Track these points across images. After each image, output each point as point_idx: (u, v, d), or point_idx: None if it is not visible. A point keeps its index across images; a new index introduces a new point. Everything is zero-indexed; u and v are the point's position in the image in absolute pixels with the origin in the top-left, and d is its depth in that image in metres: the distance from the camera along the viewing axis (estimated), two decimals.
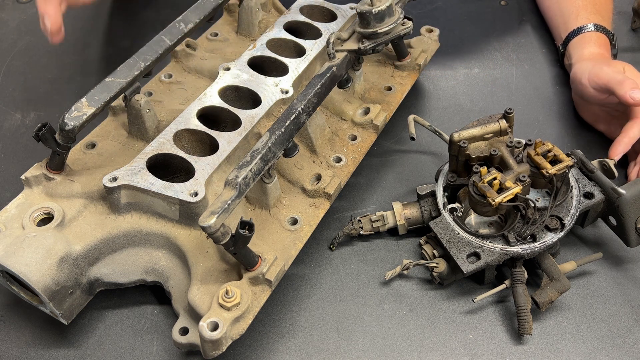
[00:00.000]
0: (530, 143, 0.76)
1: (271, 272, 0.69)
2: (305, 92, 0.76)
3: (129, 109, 0.82)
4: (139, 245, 0.76)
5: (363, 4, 0.79)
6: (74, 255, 0.71)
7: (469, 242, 0.75)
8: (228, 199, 0.65)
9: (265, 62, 0.91)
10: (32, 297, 0.73)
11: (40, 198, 0.76)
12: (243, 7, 0.99)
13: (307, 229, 0.77)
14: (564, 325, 0.76)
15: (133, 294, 0.80)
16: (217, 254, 0.73)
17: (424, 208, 0.82)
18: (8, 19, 1.27)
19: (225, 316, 0.65)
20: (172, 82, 0.93)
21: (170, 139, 0.78)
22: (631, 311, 0.76)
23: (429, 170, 0.92)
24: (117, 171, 0.73)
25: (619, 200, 0.75)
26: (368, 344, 0.75)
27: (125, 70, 0.78)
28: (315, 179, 0.81)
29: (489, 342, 0.75)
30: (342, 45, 0.82)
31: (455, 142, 0.76)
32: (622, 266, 0.81)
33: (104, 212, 0.75)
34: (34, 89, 1.11)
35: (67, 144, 0.73)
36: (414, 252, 0.83)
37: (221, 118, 0.83)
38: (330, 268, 0.82)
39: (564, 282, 0.73)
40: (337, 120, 0.90)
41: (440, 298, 0.79)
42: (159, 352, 0.75)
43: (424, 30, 1.02)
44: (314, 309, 0.79)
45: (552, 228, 0.75)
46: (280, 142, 0.72)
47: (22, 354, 0.76)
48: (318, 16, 0.99)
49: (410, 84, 0.96)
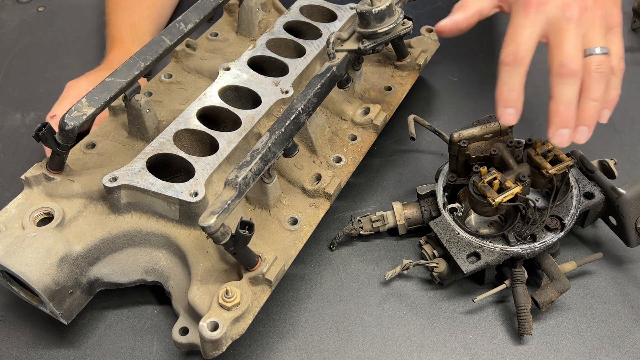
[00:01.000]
0: (530, 143, 0.76)
1: (271, 272, 0.69)
2: (305, 92, 0.76)
3: (129, 109, 0.82)
4: (139, 245, 0.76)
5: (363, 4, 0.79)
6: (74, 255, 0.71)
7: (469, 242, 0.75)
8: (228, 199, 0.65)
9: (265, 62, 0.91)
10: (32, 297, 0.73)
11: (40, 198, 0.76)
12: (243, 7, 0.99)
13: (307, 229, 0.77)
14: (564, 325, 0.76)
15: (133, 294, 0.80)
16: (217, 254, 0.73)
17: (424, 208, 0.82)
18: (8, 19, 1.27)
19: (225, 316, 0.65)
20: (172, 82, 0.93)
21: (170, 139, 0.78)
22: (631, 311, 0.76)
23: (429, 170, 0.92)
24: (117, 171, 0.73)
25: (619, 200, 0.75)
26: (368, 344, 0.75)
27: (125, 70, 0.77)
28: (315, 179, 0.81)
29: (489, 342, 0.75)
30: (342, 45, 0.82)
31: (455, 142, 0.76)
32: (622, 266, 0.81)
33: (104, 212, 0.75)
34: (34, 89, 1.11)
35: (67, 144, 0.73)
36: (414, 252, 0.83)
37: (221, 118, 0.83)
38: (330, 268, 0.82)
39: (564, 282, 0.73)
40: (337, 120, 0.90)
41: (440, 298, 0.79)
42: (159, 352, 0.75)
43: (424, 30, 1.02)
44: (314, 309, 0.79)
45: (552, 228, 0.75)
46: (280, 142, 0.72)
47: (22, 354, 0.76)
48: (318, 16, 0.99)
49: (410, 84, 0.96)
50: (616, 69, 0.68)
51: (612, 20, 0.68)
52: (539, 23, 0.65)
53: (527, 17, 0.65)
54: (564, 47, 0.64)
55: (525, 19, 0.65)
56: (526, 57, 0.65)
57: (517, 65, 0.65)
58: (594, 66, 0.65)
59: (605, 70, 0.65)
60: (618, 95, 0.69)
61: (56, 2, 1.30)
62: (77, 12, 1.28)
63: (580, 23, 0.65)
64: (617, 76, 0.68)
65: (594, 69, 0.65)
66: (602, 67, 0.65)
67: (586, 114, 0.65)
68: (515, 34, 0.65)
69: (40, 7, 1.29)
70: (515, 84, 0.65)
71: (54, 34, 1.23)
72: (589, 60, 0.65)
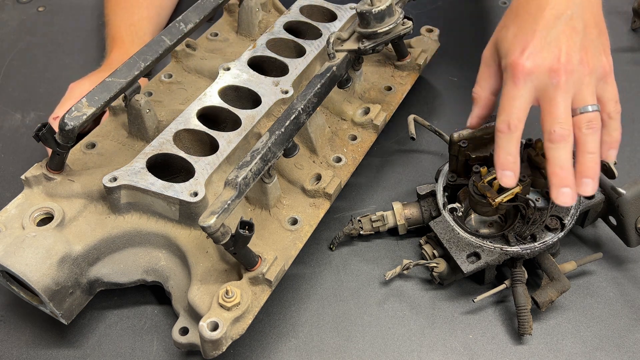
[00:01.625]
0: (530, 143, 0.76)
1: (271, 272, 0.69)
2: (305, 92, 0.76)
3: (129, 109, 0.82)
4: (139, 245, 0.76)
5: (363, 4, 0.79)
6: (74, 255, 0.71)
7: (469, 242, 0.75)
8: (228, 199, 0.65)
9: (265, 62, 0.91)
10: (32, 297, 0.73)
11: (40, 198, 0.76)
12: (243, 7, 0.99)
13: (307, 229, 0.77)
14: (564, 325, 0.76)
15: (133, 294, 0.80)
16: (217, 254, 0.73)
17: (424, 208, 0.82)
18: (8, 19, 1.27)
19: (225, 316, 0.65)
20: (172, 82, 0.93)
21: (170, 139, 0.78)
22: (631, 311, 0.76)
23: (429, 170, 0.92)
24: (117, 171, 0.73)
25: (619, 200, 0.75)
26: (368, 344, 0.75)
27: (125, 70, 0.77)
28: (315, 179, 0.81)
29: (489, 342, 0.75)
30: (342, 45, 0.82)
31: (455, 142, 0.76)
32: (622, 266, 0.81)
33: (104, 212, 0.75)
34: (34, 89, 1.11)
35: (67, 144, 0.73)
36: (414, 252, 0.83)
37: (221, 118, 0.83)
38: (330, 268, 0.82)
39: (564, 282, 0.73)
40: (337, 120, 0.90)
41: (440, 298, 0.79)
42: (159, 352, 0.75)
43: (424, 30, 1.02)
44: (314, 309, 0.79)
45: (552, 228, 0.75)
46: (280, 142, 0.72)
47: (22, 354, 0.76)
48: (318, 16, 0.99)
49: (410, 84, 0.96)
50: (613, 113, 0.71)
51: (602, 71, 0.70)
52: (528, 91, 0.68)
53: (516, 88, 0.68)
54: (553, 113, 0.67)
55: (515, 89, 0.68)
56: (519, 124, 0.68)
57: (512, 133, 0.68)
58: (585, 124, 0.68)
59: (596, 126, 0.68)
60: (620, 134, 0.72)
61: (56, 2, 1.30)
62: (77, 12, 1.28)
63: (568, 87, 0.67)
64: (615, 119, 0.71)
65: (585, 126, 0.68)
66: (593, 123, 0.68)
67: (585, 166, 0.68)
68: (507, 104, 0.69)
69: (40, 7, 1.29)
70: (511, 148, 0.68)
71: (54, 34, 1.23)
72: (579, 119, 0.68)
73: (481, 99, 0.76)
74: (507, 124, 0.68)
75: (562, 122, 0.67)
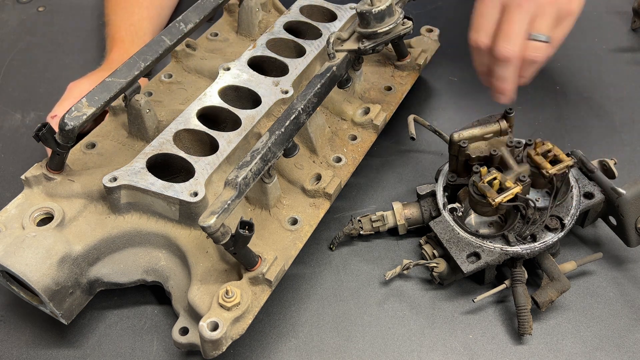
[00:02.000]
0: (530, 143, 0.76)
1: (271, 272, 0.69)
2: (305, 92, 0.76)
3: (129, 109, 0.82)
4: (139, 245, 0.76)
5: (363, 4, 0.79)
6: (74, 255, 0.71)
7: (469, 242, 0.75)
8: (228, 199, 0.65)
9: (265, 62, 0.91)
10: (32, 297, 0.73)
11: (40, 198, 0.76)
12: (243, 7, 0.99)
13: (307, 229, 0.77)
14: (564, 325, 0.76)
15: (133, 294, 0.80)
16: (217, 254, 0.73)
17: (424, 208, 0.82)
18: (8, 19, 1.27)
19: (225, 316, 0.65)
20: (172, 82, 0.93)
21: (170, 139, 0.78)
22: (631, 311, 0.76)
23: (429, 170, 0.92)
24: (117, 171, 0.73)
25: (619, 200, 0.75)
26: (368, 344, 0.75)
27: (125, 70, 0.77)
28: (315, 179, 0.81)
29: (489, 342, 0.75)
30: (342, 45, 0.82)
31: (455, 142, 0.76)
32: (622, 266, 0.81)
33: (104, 212, 0.75)
34: (34, 88, 1.11)
35: (67, 144, 0.73)
36: (414, 252, 0.83)
37: (221, 118, 0.83)
38: (330, 268, 0.82)
39: (564, 282, 0.73)
40: (337, 120, 0.90)
41: (440, 298, 0.79)
42: (159, 352, 0.75)
43: (424, 30, 1.02)
44: (314, 309, 0.79)
45: (552, 228, 0.75)
46: (280, 142, 0.72)
47: (22, 354, 0.76)
48: (318, 16, 0.98)
49: (410, 84, 0.96)
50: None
51: (566, 8, 0.73)
52: (495, 8, 0.73)
53: (484, 4, 0.75)
54: (505, 30, 0.72)
55: (483, 6, 0.75)
56: (486, 40, 0.75)
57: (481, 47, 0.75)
58: (532, 51, 0.72)
59: (539, 59, 0.72)
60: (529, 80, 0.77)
61: (56, 2, 1.30)
62: (77, 12, 1.28)
63: (528, 8, 0.71)
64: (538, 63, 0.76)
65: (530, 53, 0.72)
66: (539, 53, 0.72)
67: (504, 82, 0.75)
68: (477, 21, 0.76)
69: (40, 7, 1.29)
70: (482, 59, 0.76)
71: (54, 34, 1.23)
72: (528, 44, 0.72)
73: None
74: (475, 40, 0.75)
75: (512, 41, 0.71)
